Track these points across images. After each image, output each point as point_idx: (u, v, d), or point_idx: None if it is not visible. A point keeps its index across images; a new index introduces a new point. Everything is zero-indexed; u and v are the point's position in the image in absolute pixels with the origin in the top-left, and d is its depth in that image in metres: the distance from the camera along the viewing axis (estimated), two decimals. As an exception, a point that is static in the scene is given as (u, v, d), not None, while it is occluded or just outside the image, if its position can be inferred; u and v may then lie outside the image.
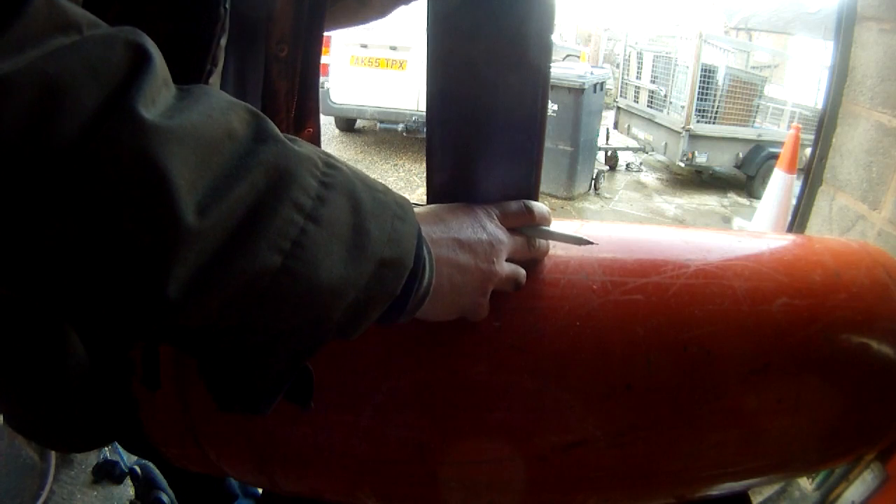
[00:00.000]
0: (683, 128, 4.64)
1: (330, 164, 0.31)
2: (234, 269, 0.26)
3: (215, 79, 0.43)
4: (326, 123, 5.72)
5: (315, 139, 0.69)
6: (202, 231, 0.25)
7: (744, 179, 5.04)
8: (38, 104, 0.21)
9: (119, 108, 0.23)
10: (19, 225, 0.23)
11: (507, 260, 0.43)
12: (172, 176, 0.24)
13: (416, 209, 0.39)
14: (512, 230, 0.44)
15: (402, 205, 0.35)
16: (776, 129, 5.02)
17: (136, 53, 0.25)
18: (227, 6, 0.41)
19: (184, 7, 0.39)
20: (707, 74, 4.67)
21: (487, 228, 0.42)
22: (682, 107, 4.70)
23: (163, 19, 0.38)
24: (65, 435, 0.56)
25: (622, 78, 5.74)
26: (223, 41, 0.42)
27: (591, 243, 0.45)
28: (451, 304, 0.40)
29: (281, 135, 0.29)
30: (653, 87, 5.23)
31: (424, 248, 0.36)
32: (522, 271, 0.44)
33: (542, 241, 0.46)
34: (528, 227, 0.45)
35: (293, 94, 0.61)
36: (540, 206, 0.46)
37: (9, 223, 0.22)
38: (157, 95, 0.25)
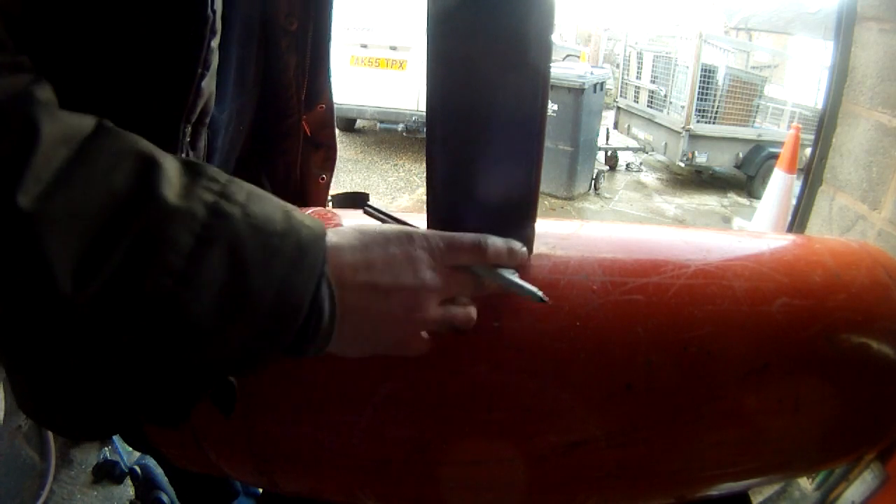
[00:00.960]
0: (683, 128, 4.64)
1: (219, 211, 0.31)
2: (113, 330, 0.29)
3: (208, 81, 0.42)
4: (326, 123, 5.69)
5: (328, 116, 0.68)
6: (78, 300, 0.27)
7: (744, 179, 5.04)
8: None
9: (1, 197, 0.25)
10: None
11: (446, 300, 0.41)
12: (48, 254, 0.26)
13: (346, 239, 0.37)
14: (459, 267, 0.41)
15: (305, 247, 0.33)
16: (776, 129, 5.02)
17: (22, 132, 0.26)
18: (215, 8, 0.40)
19: (169, 14, 0.38)
20: (707, 74, 4.67)
21: (418, 273, 0.39)
22: (682, 107, 4.70)
23: (149, 27, 0.37)
24: (74, 423, 0.57)
25: (622, 78, 5.74)
26: (214, 43, 0.41)
27: (544, 301, 0.41)
28: (361, 346, 0.39)
29: (164, 189, 0.29)
30: (653, 87, 5.23)
31: (325, 291, 0.35)
32: (461, 313, 0.41)
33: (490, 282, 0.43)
34: (477, 266, 0.42)
35: (303, 69, 0.60)
36: (498, 244, 0.42)
37: None
38: (44, 169, 0.26)
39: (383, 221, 0.45)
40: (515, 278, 0.42)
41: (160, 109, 0.41)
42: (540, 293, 0.41)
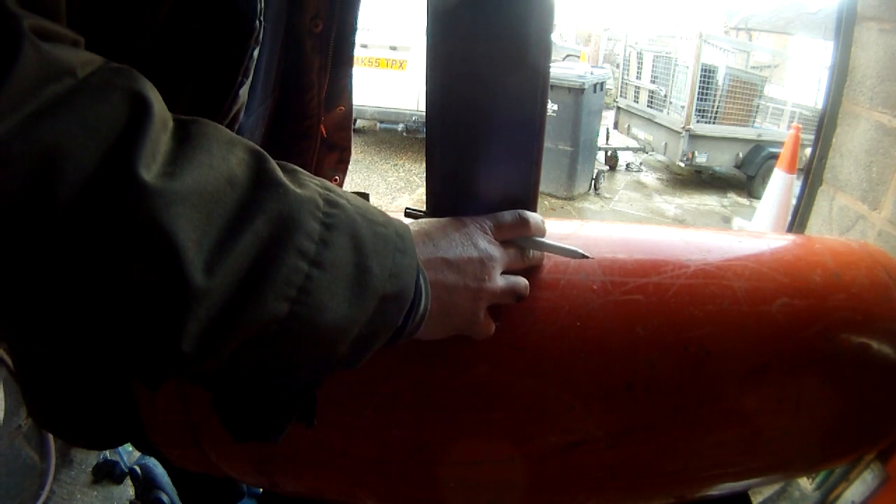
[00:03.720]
0: (683, 128, 4.64)
1: (332, 201, 0.31)
2: (244, 320, 0.27)
3: (245, 88, 0.43)
4: (326, 123, 5.69)
5: (346, 119, 0.68)
6: (211, 289, 0.25)
7: (744, 179, 5.03)
8: (36, 170, 0.21)
9: (119, 170, 0.23)
10: (27, 288, 0.23)
11: (503, 273, 0.43)
12: (179, 239, 0.24)
13: (413, 227, 0.40)
14: (506, 242, 0.44)
15: (403, 235, 0.35)
16: (776, 129, 5.02)
17: (133, 104, 0.24)
18: (262, 19, 0.40)
19: (220, 22, 0.38)
20: (707, 74, 4.67)
21: (479, 245, 0.42)
22: (682, 107, 4.70)
23: (198, 34, 0.38)
24: (84, 432, 0.57)
25: (622, 78, 5.74)
26: (255, 53, 0.42)
27: (586, 257, 0.45)
28: (441, 324, 0.40)
29: (281, 176, 0.29)
30: (653, 87, 5.23)
31: (422, 276, 0.37)
32: (521, 282, 0.44)
33: (536, 252, 0.46)
34: (522, 238, 0.45)
35: (326, 70, 0.60)
36: (535, 216, 0.46)
37: (17, 286, 0.23)
38: (157, 148, 0.24)
39: None
40: (557, 242, 0.45)
41: (196, 113, 0.41)
42: (581, 251, 0.44)
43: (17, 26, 0.21)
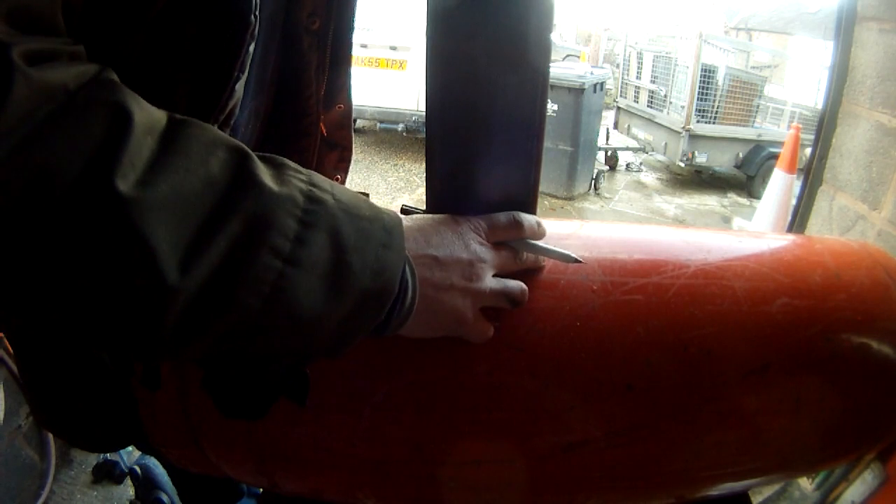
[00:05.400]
0: (683, 128, 4.64)
1: (314, 197, 0.32)
2: (218, 315, 0.29)
3: (241, 84, 0.43)
4: (326, 123, 5.69)
5: (345, 117, 0.68)
6: (185, 286, 0.27)
7: (744, 179, 5.04)
8: (29, 187, 0.23)
9: (98, 183, 0.24)
10: (27, 289, 0.26)
11: (496, 275, 0.43)
12: (153, 243, 0.26)
13: (405, 222, 0.39)
14: (500, 244, 0.44)
15: (390, 229, 0.35)
16: (776, 129, 5.02)
17: (114, 117, 0.26)
18: (258, 13, 0.40)
19: (216, 18, 0.38)
20: (707, 74, 4.67)
21: (470, 247, 0.41)
22: (682, 107, 4.70)
23: (194, 30, 0.38)
24: (85, 433, 0.58)
25: (622, 78, 5.74)
26: (252, 48, 0.42)
27: (579, 261, 0.44)
28: (429, 322, 0.40)
29: (261, 175, 0.30)
30: (653, 87, 5.23)
31: (408, 270, 0.37)
32: (516, 285, 0.43)
33: (531, 255, 0.45)
34: (516, 241, 0.44)
35: (324, 68, 0.60)
36: (530, 218, 0.45)
37: (17, 287, 0.26)
38: (138, 156, 0.26)
39: None
40: (550, 246, 0.45)
41: (193, 108, 0.41)
42: (574, 255, 0.44)
43: (6, 57, 0.23)
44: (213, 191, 0.28)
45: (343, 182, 0.74)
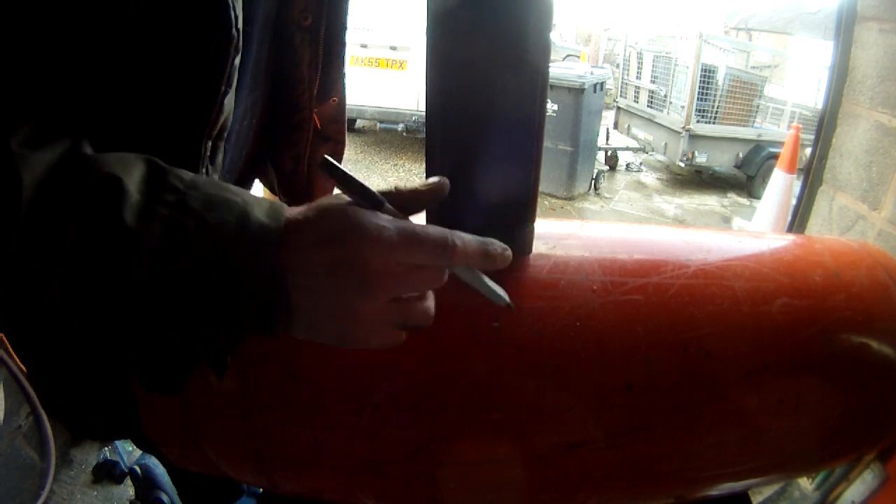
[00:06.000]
0: (683, 128, 4.64)
1: (175, 227, 0.33)
2: (97, 336, 0.35)
3: (229, 98, 0.43)
4: (326, 123, 5.69)
5: (339, 110, 0.68)
6: (71, 320, 0.33)
7: (744, 179, 5.03)
8: None
9: None
10: None
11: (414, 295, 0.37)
12: (42, 288, 0.32)
13: (300, 228, 0.35)
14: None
15: (257, 244, 0.34)
16: (776, 129, 5.02)
17: (7, 190, 0.30)
18: (240, 26, 0.40)
19: (194, 34, 0.38)
20: (707, 74, 4.66)
21: (366, 265, 0.35)
22: (682, 107, 4.69)
23: (174, 47, 0.38)
24: (91, 422, 0.59)
25: (622, 78, 5.74)
26: (237, 61, 0.42)
27: (511, 307, 0.39)
28: (319, 335, 0.37)
29: (127, 212, 0.32)
30: (653, 87, 5.23)
31: (278, 283, 0.34)
32: (417, 310, 0.37)
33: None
34: (455, 267, 0.38)
35: (316, 63, 0.60)
36: (471, 246, 0.38)
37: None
38: (28, 218, 0.31)
39: (345, 182, 0.38)
40: (485, 278, 0.39)
41: (183, 126, 0.42)
42: (507, 299, 0.38)
43: None
44: (82, 239, 0.31)
45: None
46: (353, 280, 0.35)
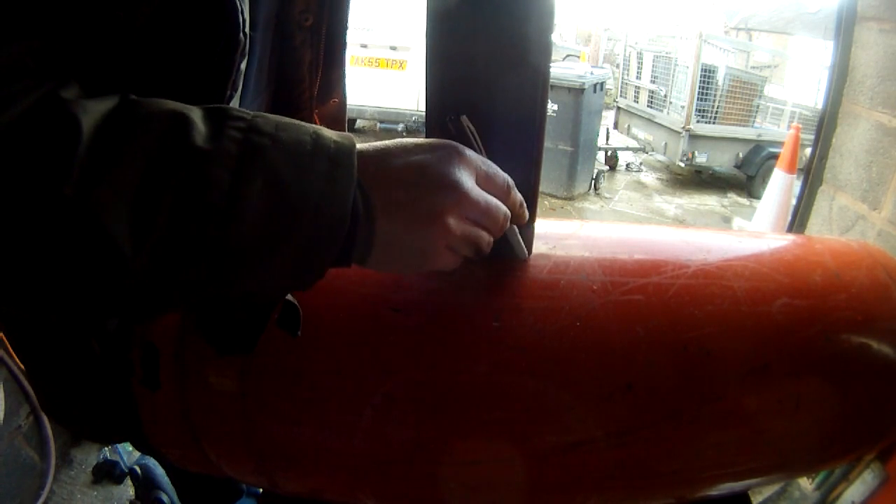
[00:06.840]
0: (683, 128, 4.64)
1: (251, 146, 0.32)
2: (173, 279, 0.31)
3: (235, 102, 0.43)
4: (326, 123, 5.70)
5: (340, 111, 0.68)
6: (142, 265, 0.30)
7: (744, 179, 5.03)
8: None
9: (48, 192, 0.28)
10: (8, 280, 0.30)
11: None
12: (110, 231, 0.29)
13: (377, 148, 0.38)
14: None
15: (336, 160, 0.34)
16: (776, 129, 5.02)
17: (66, 131, 0.29)
18: (247, 30, 0.40)
19: (203, 38, 0.38)
20: (707, 74, 4.66)
21: (451, 176, 0.38)
22: (682, 107, 4.69)
23: (182, 51, 0.38)
24: (91, 425, 0.58)
25: (622, 78, 5.74)
26: (243, 65, 0.42)
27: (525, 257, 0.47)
28: (392, 254, 0.38)
29: (194, 137, 0.31)
30: (653, 87, 5.23)
31: (360, 197, 0.36)
32: (485, 236, 0.40)
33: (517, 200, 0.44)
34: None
35: (317, 64, 0.60)
36: (520, 196, 0.43)
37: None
38: (87, 159, 0.29)
39: (470, 144, 0.42)
40: (518, 236, 0.46)
41: None
42: (525, 254, 0.46)
43: None
44: (149, 166, 0.30)
45: None
46: (438, 184, 0.37)
